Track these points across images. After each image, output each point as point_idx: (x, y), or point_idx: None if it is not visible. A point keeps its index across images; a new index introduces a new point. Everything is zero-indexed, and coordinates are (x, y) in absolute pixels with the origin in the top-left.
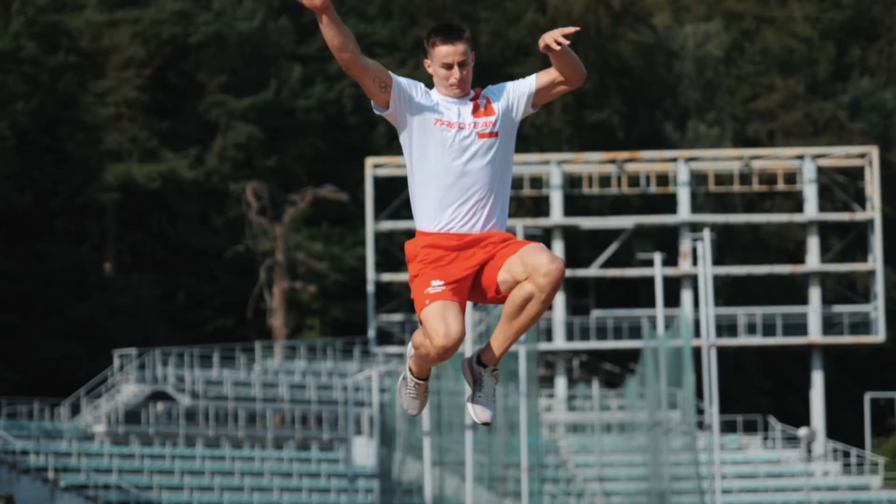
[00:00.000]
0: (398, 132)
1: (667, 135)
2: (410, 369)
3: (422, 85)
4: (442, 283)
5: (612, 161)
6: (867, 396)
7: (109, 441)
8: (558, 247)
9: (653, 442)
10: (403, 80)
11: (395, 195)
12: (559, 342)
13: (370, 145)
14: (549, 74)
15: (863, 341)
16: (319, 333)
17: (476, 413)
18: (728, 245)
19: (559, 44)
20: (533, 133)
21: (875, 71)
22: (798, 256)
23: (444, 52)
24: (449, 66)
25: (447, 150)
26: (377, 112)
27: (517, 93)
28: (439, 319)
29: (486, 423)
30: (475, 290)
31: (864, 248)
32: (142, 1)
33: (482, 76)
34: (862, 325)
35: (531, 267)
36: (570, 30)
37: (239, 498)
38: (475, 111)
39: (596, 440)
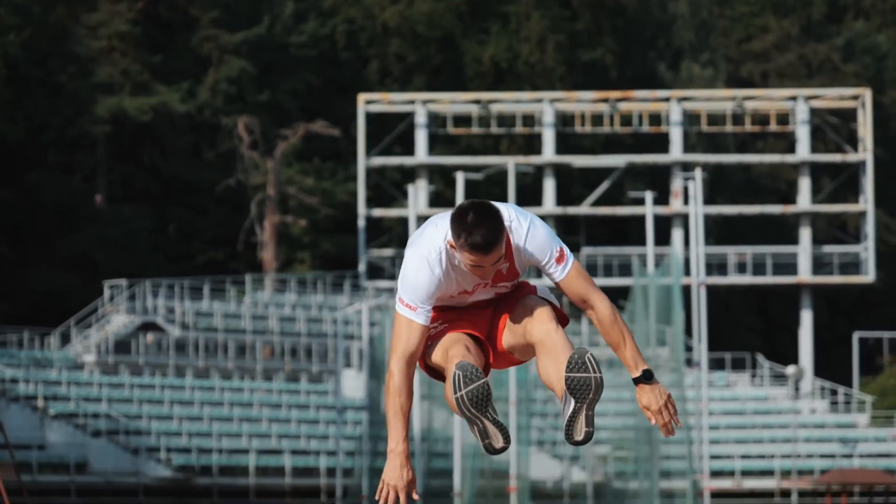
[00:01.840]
0: None
1: (660, 75)
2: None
3: (433, 258)
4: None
5: (605, 100)
6: (856, 336)
7: (99, 371)
8: (550, 184)
9: None
10: (427, 306)
11: (387, 131)
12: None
13: (363, 81)
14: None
15: (852, 281)
16: (310, 267)
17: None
18: (719, 185)
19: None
20: (526, 71)
21: (869, 13)
22: (789, 197)
23: (472, 258)
24: (479, 267)
25: (452, 304)
26: None
27: (535, 262)
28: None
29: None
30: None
31: (856, 190)
32: None
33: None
34: (852, 266)
35: (529, 334)
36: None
37: (228, 428)
38: (496, 277)
39: None
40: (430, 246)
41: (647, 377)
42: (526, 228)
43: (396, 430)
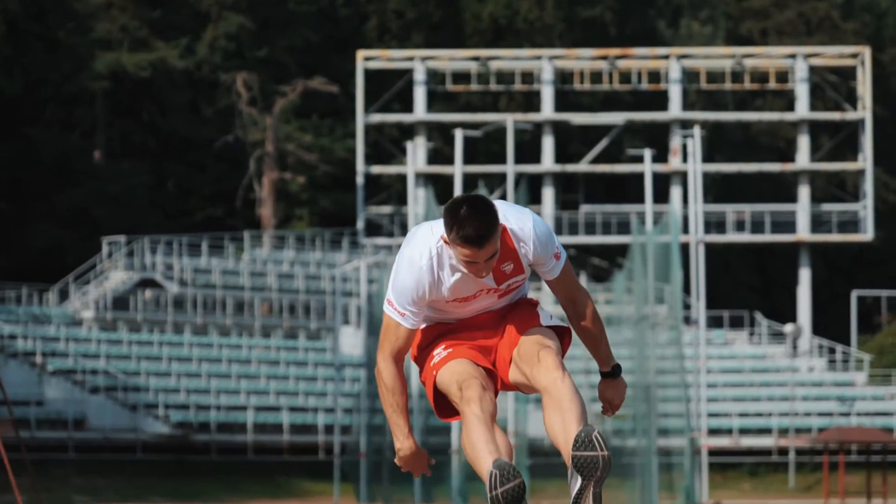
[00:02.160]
0: None
1: (659, 32)
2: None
3: (424, 261)
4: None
5: (604, 57)
6: (854, 294)
7: (97, 327)
8: (548, 142)
9: (639, 336)
10: (416, 311)
11: (385, 88)
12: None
13: (361, 38)
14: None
15: (851, 239)
16: (308, 224)
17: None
18: (718, 142)
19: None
20: (525, 28)
21: None
22: (788, 155)
23: (466, 253)
24: (473, 263)
25: (455, 313)
26: None
27: (539, 260)
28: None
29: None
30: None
31: (854, 148)
32: None
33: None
34: (850, 224)
35: (533, 378)
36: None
37: (226, 385)
38: (498, 277)
39: None
40: (421, 248)
41: (616, 372)
42: (530, 226)
43: (400, 428)
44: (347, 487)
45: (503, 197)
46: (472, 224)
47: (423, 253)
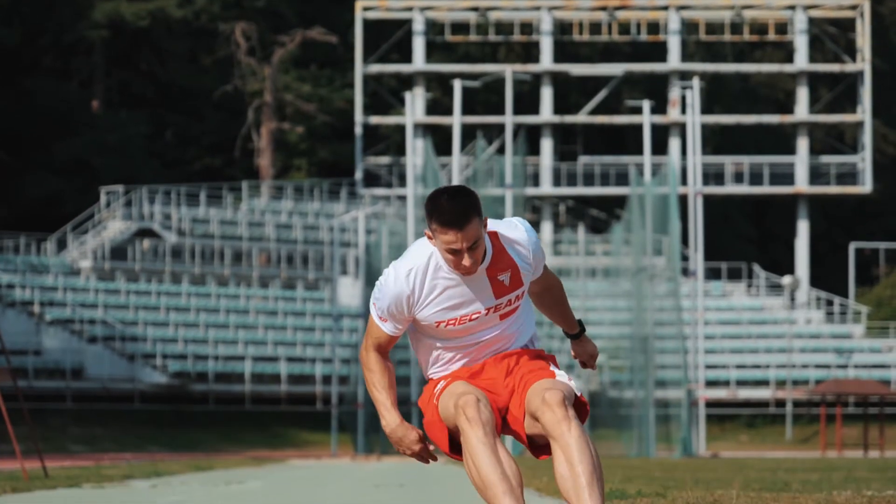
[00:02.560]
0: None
1: None
2: None
3: (410, 277)
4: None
5: (604, 8)
6: (852, 246)
7: (95, 277)
8: (547, 93)
9: (637, 287)
10: (396, 320)
11: (384, 38)
12: (546, 187)
13: None
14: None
15: (849, 192)
16: (306, 174)
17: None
18: (717, 94)
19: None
20: None
21: None
22: (787, 106)
23: (448, 238)
24: (455, 252)
25: (453, 338)
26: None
27: (536, 267)
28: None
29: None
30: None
31: (853, 100)
32: None
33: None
34: (849, 176)
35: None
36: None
37: (224, 335)
38: (496, 290)
39: (581, 285)
40: (412, 260)
41: (584, 329)
42: (524, 233)
43: (382, 403)
44: (345, 438)
45: (502, 148)
46: (450, 207)
47: (412, 266)
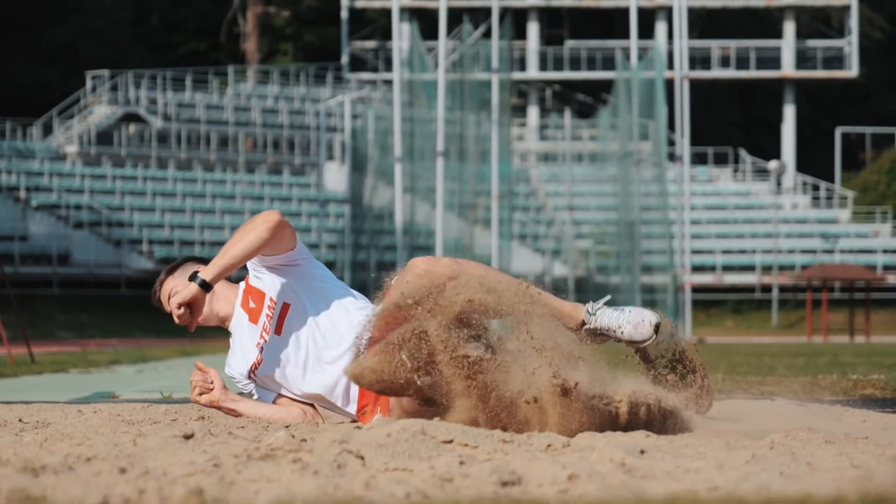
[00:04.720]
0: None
1: None
2: None
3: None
4: None
5: None
6: (838, 131)
7: (81, 162)
8: None
9: (623, 172)
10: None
11: None
12: (532, 71)
13: None
14: None
15: (835, 76)
16: (292, 59)
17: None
18: None
19: None
20: None
21: None
22: None
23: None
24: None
25: (295, 387)
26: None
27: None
28: None
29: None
30: None
31: None
32: None
33: None
34: (835, 60)
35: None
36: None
37: (210, 220)
38: (254, 317)
39: (567, 170)
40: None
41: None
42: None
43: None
44: None
45: (488, 32)
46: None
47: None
